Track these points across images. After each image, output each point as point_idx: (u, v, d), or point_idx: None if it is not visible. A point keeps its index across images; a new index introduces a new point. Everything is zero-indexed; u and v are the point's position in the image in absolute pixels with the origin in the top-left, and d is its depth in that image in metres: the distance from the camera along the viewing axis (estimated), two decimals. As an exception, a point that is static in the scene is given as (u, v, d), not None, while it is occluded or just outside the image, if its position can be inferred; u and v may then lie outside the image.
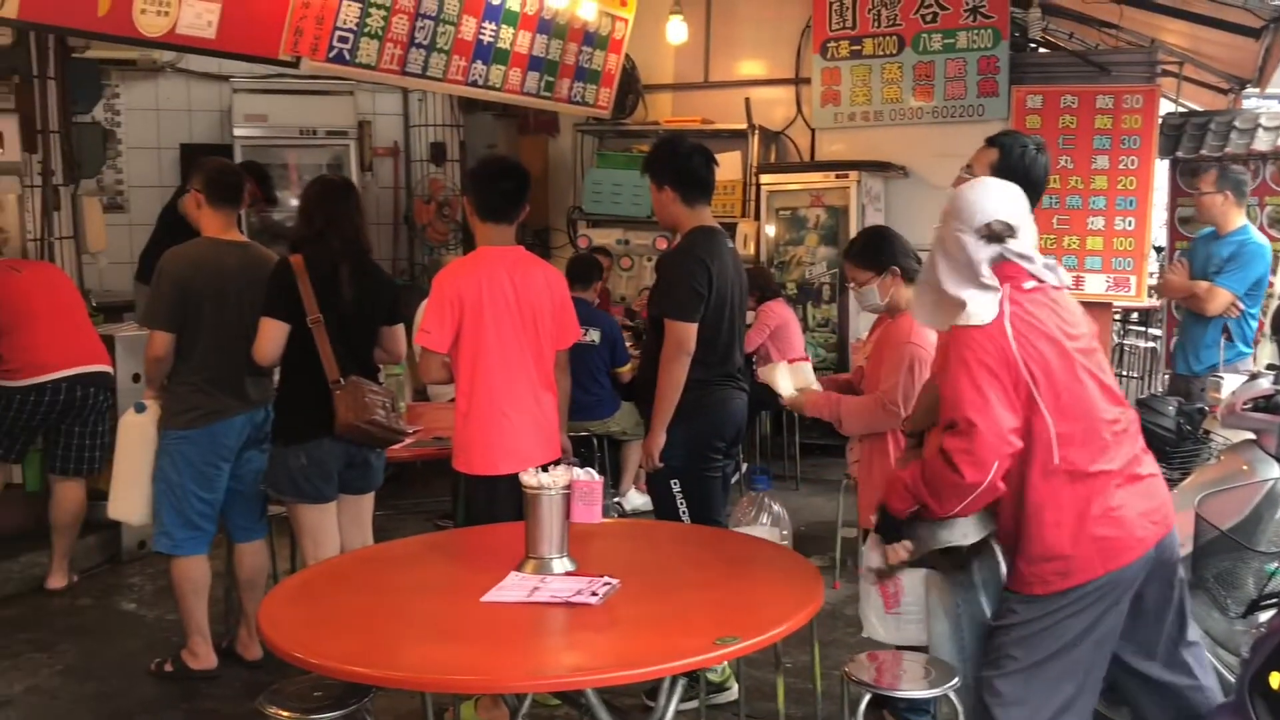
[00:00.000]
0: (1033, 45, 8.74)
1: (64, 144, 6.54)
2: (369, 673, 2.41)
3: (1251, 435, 3.58)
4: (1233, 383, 4.03)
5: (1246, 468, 3.49)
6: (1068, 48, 9.05)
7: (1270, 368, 4.03)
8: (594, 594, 2.67)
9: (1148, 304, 8.25)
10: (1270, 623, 2.45)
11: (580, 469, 3.26)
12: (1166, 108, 8.17)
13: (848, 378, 4.21)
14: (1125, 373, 8.88)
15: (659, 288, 4.12)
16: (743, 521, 3.41)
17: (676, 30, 8.38)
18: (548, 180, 9.63)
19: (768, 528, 3.38)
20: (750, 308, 6.53)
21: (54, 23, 4.49)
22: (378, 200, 8.63)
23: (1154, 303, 8.27)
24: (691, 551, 3.28)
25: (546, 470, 2.95)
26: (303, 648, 2.45)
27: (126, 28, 4.45)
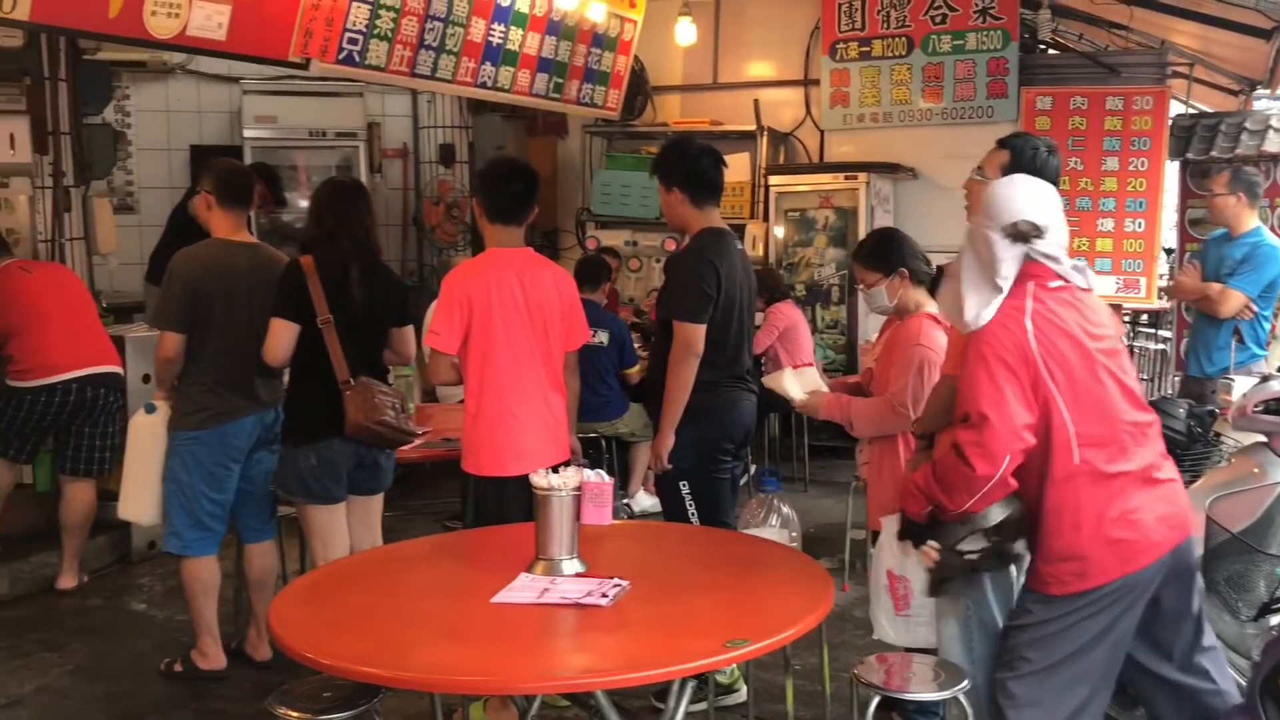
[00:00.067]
0: (1042, 46, 8.72)
1: (75, 145, 6.56)
2: (378, 673, 2.41)
3: (1263, 438, 3.58)
4: (1244, 385, 4.02)
5: (1258, 470, 3.48)
6: (1077, 49, 9.04)
7: (1282, 370, 4.02)
8: (604, 595, 2.67)
9: (1157, 306, 8.23)
10: (1282, 626, 2.45)
11: (590, 470, 3.26)
12: (1177, 109, 8.15)
13: (857, 379, 4.21)
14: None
15: (668, 289, 4.13)
16: (752, 523, 3.41)
17: (685, 32, 8.39)
18: (556, 182, 9.63)
19: (777, 530, 3.38)
20: (759, 309, 6.52)
21: (65, 24, 4.50)
22: (387, 202, 8.64)
23: (1164, 304, 8.25)
24: (701, 553, 3.28)
25: (556, 471, 2.95)
26: (312, 648, 2.46)
27: (137, 29, 4.46)
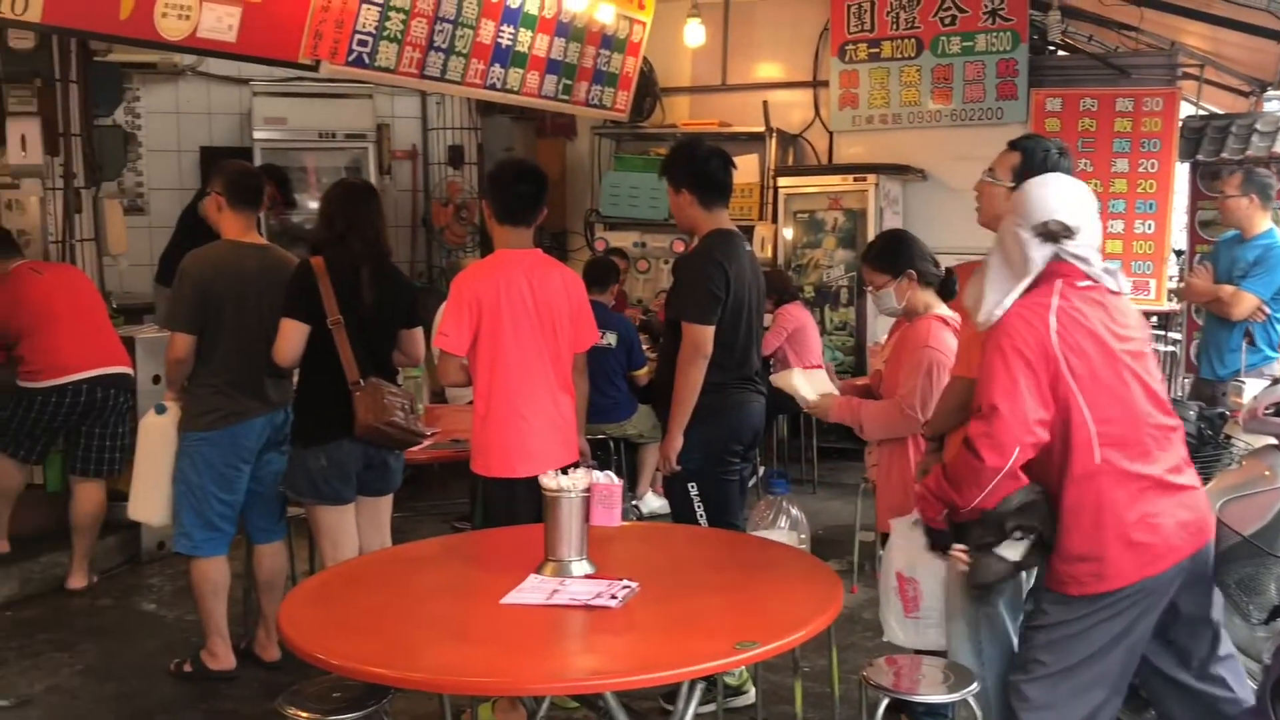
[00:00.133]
0: (1052, 48, 8.70)
1: (85, 147, 6.58)
2: (387, 674, 2.41)
3: (1273, 440, 3.56)
4: (1255, 387, 4.01)
5: (1269, 473, 3.46)
6: (1087, 50, 9.01)
7: (1293, 372, 4.01)
8: (613, 597, 2.67)
9: (1167, 307, 8.21)
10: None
11: (599, 472, 3.26)
12: (1187, 110, 8.13)
13: (866, 381, 4.21)
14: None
15: (676, 290, 4.13)
16: (761, 525, 3.41)
17: (694, 33, 8.38)
18: (565, 183, 9.64)
19: (786, 531, 3.37)
20: (768, 311, 6.53)
21: (76, 26, 4.51)
22: (396, 203, 8.65)
23: (1174, 306, 8.23)
24: (710, 555, 3.28)
25: (565, 473, 2.95)
26: (322, 649, 2.46)
27: (148, 31, 4.47)
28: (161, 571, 5.72)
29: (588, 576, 2.84)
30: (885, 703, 2.93)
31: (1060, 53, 8.96)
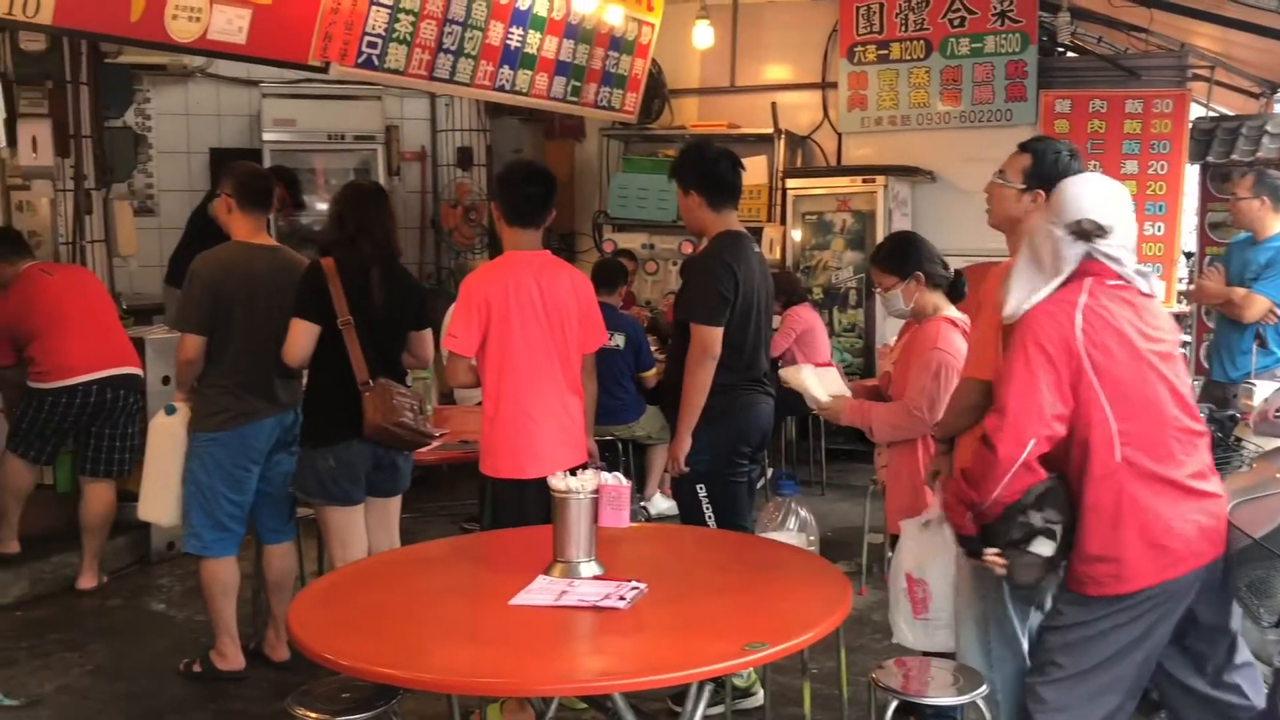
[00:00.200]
0: (1061, 49, 8.68)
1: (96, 148, 6.60)
2: (397, 674, 2.42)
3: (1284, 443, 3.55)
4: (1266, 390, 4.00)
5: (1279, 475, 3.46)
6: (1096, 52, 9.00)
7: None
8: (621, 598, 2.67)
9: (1176, 309, 8.18)
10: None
11: (608, 473, 3.26)
12: (1197, 112, 8.10)
13: (875, 383, 4.20)
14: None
15: (685, 292, 4.13)
16: (769, 526, 3.41)
17: (703, 35, 8.38)
18: (574, 185, 9.64)
19: (794, 533, 3.37)
20: (776, 312, 6.52)
21: (87, 28, 4.53)
22: (405, 204, 8.66)
23: (1183, 308, 8.20)
24: (718, 556, 3.28)
25: (574, 474, 2.95)
26: (331, 649, 2.46)
27: (158, 33, 4.48)
28: (171, 572, 5.74)
29: (596, 578, 2.84)
30: (894, 705, 2.93)
31: (1069, 54, 8.94)
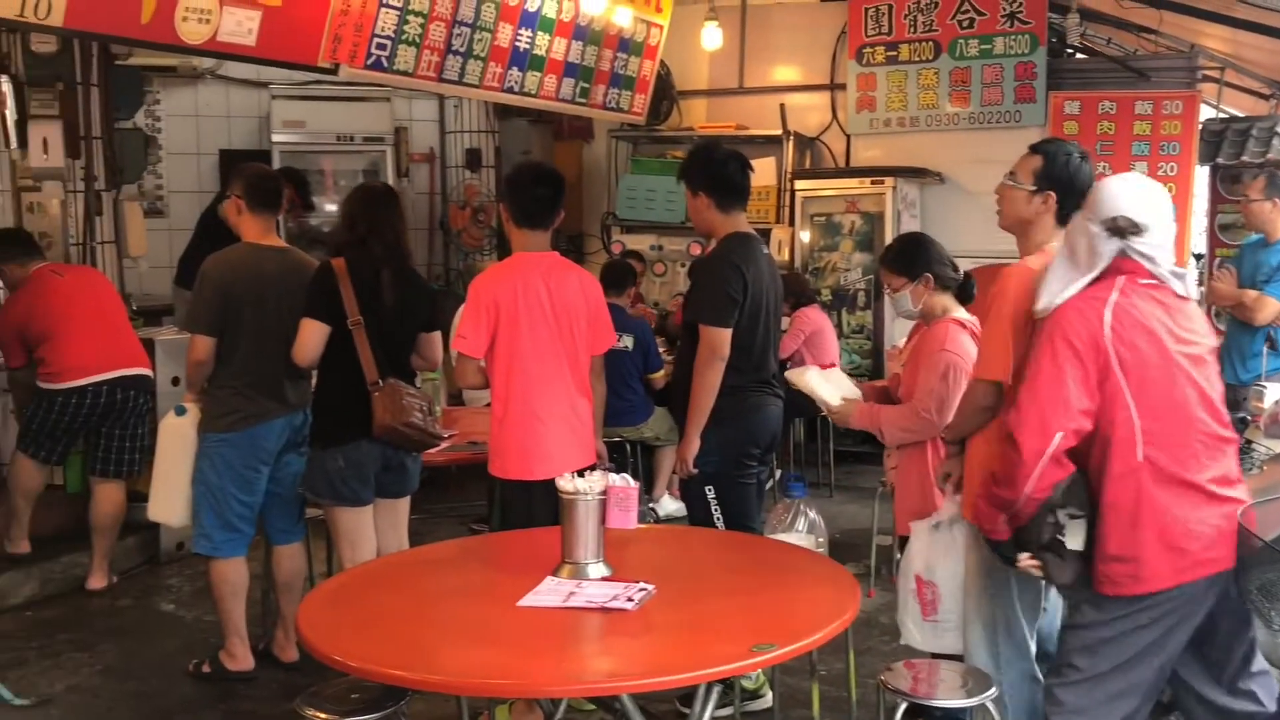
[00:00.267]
0: (1070, 51, 8.66)
1: (106, 150, 6.63)
2: (406, 675, 2.42)
3: (1295, 445, 3.55)
4: (1276, 392, 3.99)
5: (1290, 477, 3.45)
6: (1106, 53, 8.97)
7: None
8: (630, 600, 2.67)
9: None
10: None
11: (616, 475, 3.27)
12: (1207, 113, 8.08)
13: (884, 384, 4.20)
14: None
15: (694, 293, 4.13)
16: (778, 528, 3.41)
17: (711, 36, 8.38)
18: (582, 186, 9.65)
19: (803, 534, 3.37)
20: (785, 314, 6.52)
21: (98, 30, 4.54)
22: (413, 206, 8.67)
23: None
24: (726, 558, 3.28)
25: (582, 475, 2.95)
26: (340, 650, 2.47)
27: (169, 35, 4.49)
28: (180, 572, 5.75)
29: (604, 579, 2.85)
30: (903, 707, 2.93)
31: (1079, 55, 8.92)
